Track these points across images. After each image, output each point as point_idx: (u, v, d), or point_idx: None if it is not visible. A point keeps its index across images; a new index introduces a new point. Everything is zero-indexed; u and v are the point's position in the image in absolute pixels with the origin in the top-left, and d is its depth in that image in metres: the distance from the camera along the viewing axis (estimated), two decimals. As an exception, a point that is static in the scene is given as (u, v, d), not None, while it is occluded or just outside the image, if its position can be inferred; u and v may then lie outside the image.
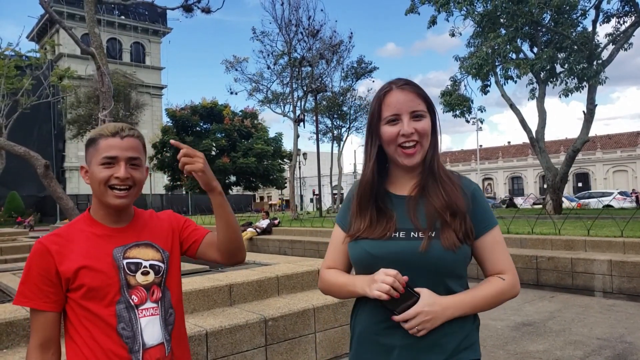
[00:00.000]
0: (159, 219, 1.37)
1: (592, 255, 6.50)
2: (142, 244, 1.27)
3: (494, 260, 1.17)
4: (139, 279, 1.22)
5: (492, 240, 1.17)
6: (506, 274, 1.17)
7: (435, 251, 1.10)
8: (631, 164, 44.66)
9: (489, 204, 1.22)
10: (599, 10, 14.07)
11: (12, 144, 4.48)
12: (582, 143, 13.90)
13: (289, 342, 3.56)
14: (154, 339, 1.22)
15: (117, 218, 1.27)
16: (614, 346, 4.05)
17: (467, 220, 1.14)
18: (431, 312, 1.08)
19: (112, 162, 1.19)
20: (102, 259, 1.20)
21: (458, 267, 1.15)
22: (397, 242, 1.14)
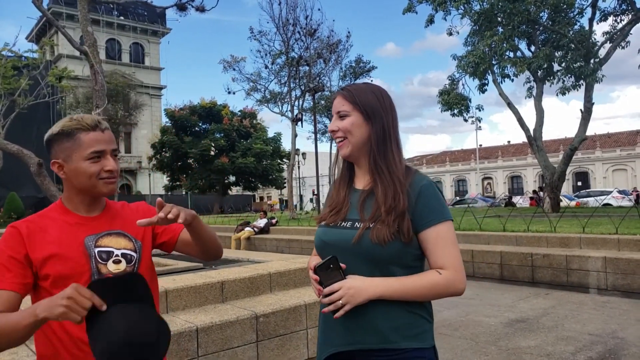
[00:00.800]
0: (131, 209, 1.38)
1: (586, 252, 6.51)
2: (115, 233, 1.28)
3: (435, 256, 1.21)
4: (110, 267, 1.23)
5: (434, 235, 1.20)
6: (446, 269, 1.20)
7: (365, 243, 1.19)
8: (630, 162, 44.66)
9: (441, 200, 1.25)
10: (595, 8, 14.08)
11: (5, 142, 4.50)
12: (579, 141, 13.91)
13: (280, 338, 3.58)
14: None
15: (90, 207, 1.28)
16: (606, 342, 4.06)
17: (404, 218, 1.19)
18: (352, 288, 1.14)
19: (99, 156, 1.22)
20: (74, 247, 1.21)
21: (396, 258, 1.19)
22: (342, 230, 1.25)
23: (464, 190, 53.82)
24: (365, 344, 1.20)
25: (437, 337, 4.29)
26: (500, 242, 7.89)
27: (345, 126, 1.26)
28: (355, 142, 1.27)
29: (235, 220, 16.14)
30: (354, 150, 1.28)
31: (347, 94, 1.28)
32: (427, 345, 1.22)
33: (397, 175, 1.24)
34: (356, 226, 1.22)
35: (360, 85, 1.32)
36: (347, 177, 1.35)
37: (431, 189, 1.24)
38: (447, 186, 55.96)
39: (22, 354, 2.72)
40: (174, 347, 3.01)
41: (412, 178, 1.25)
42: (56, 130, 1.27)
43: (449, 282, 1.19)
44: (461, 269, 1.22)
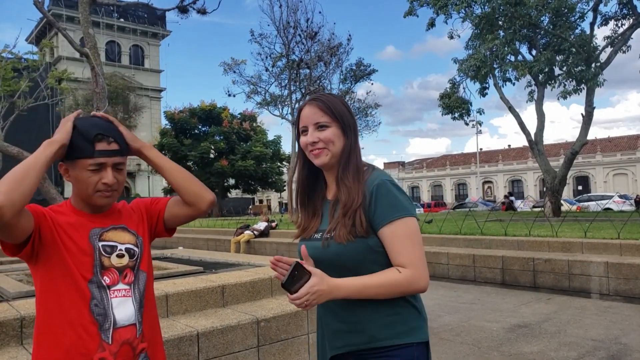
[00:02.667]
0: (131, 207, 1.43)
1: (588, 257, 6.48)
2: (119, 228, 1.32)
3: (393, 254, 1.20)
4: (113, 261, 1.26)
5: (390, 233, 1.20)
6: (406, 267, 1.19)
7: (331, 248, 1.22)
8: (631, 167, 44.66)
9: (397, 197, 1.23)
10: (596, 12, 14.10)
11: (5, 144, 4.48)
12: (580, 145, 13.90)
13: (281, 343, 3.54)
14: (126, 319, 1.25)
15: (95, 209, 1.32)
16: (609, 347, 4.03)
17: (357, 216, 1.20)
18: (319, 290, 1.14)
19: (99, 169, 1.24)
20: (80, 239, 1.24)
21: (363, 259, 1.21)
22: (314, 242, 1.28)
23: (464, 194, 53.81)
24: (355, 345, 1.23)
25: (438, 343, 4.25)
26: (501, 246, 7.86)
27: (328, 137, 1.28)
28: (335, 153, 1.29)
29: (235, 224, 16.11)
30: (332, 159, 1.29)
31: (324, 105, 1.29)
32: (417, 340, 1.23)
33: (357, 179, 1.27)
34: (325, 236, 1.27)
35: (329, 95, 1.34)
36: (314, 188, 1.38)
37: (384, 187, 1.23)
38: (447, 190, 55.95)
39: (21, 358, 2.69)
40: (174, 352, 2.98)
41: (368, 177, 1.27)
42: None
43: (408, 280, 1.19)
44: (421, 266, 1.21)
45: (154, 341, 1.33)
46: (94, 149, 1.23)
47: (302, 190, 1.39)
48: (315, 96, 1.35)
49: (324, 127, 1.29)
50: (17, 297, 3.89)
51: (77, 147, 1.24)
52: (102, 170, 1.24)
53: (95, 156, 1.23)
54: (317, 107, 1.30)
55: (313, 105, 1.31)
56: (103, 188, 1.25)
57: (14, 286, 4.23)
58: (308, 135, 1.31)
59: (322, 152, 1.29)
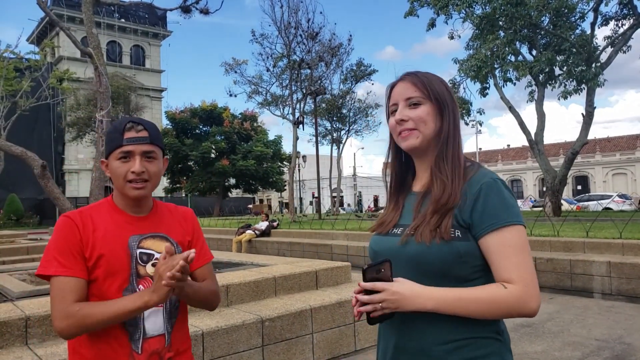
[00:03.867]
0: (178, 214, 1.39)
1: (590, 256, 6.48)
2: (158, 236, 1.29)
3: (499, 267, 1.01)
4: (149, 270, 1.24)
5: (497, 242, 1.01)
6: (514, 284, 0.99)
7: (410, 247, 1.06)
8: (630, 166, 44.69)
9: (507, 201, 1.04)
10: (597, 13, 14.10)
11: (9, 144, 4.47)
12: (580, 145, 13.90)
13: (286, 343, 3.55)
14: (155, 330, 1.25)
15: (137, 207, 1.30)
16: (613, 347, 4.03)
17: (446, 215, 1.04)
18: (398, 294, 0.99)
19: (126, 157, 1.22)
20: (118, 245, 1.23)
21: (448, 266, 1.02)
22: (392, 237, 1.13)
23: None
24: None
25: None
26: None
27: (420, 115, 1.10)
28: (427, 135, 1.11)
29: (236, 223, 16.11)
30: (423, 143, 1.12)
31: (417, 80, 1.12)
32: None
33: (458, 172, 1.09)
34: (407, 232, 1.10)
35: (425, 72, 1.17)
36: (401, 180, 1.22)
37: (495, 187, 1.04)
38: (447, 189, 55.80)
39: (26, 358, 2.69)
40: (179, 352, 2.98)
41: (473, 174, 1.08)
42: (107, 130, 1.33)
43: (516, 298, 0.98)
44: (533, 284, 1.00)
45: (181, 351, 1.32)
46: (123, 137, 1.23)
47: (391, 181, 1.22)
48: (410, 72, 1.17)
49: (416, 104, 1.12)
50: (21, 296, 3.90)
51: (110, 140, 1.24)
52: (131, 159, 1.23)
53: (124, 144, 1.22)
54: (410, 82, 1.13)
55: (406, 80, 1.14)
56: (132, 177, 1.22)
57: (17, 286, 4.24)
58: (397, 112, 1.13)
59: (411, 133, 1.11)
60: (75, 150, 38.05)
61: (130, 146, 1.22)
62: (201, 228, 1.47)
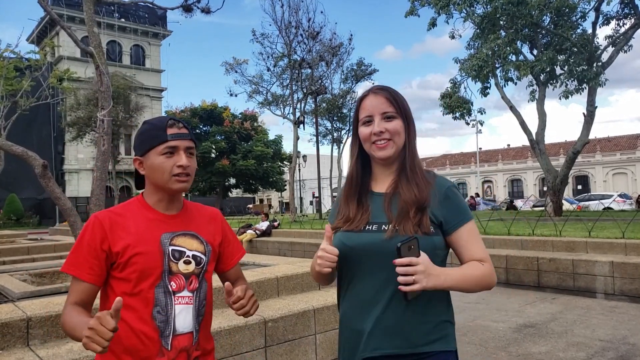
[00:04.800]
0: (207, 214, 1.42)
1: (593, 256, 6.46)
2: (189, 234, 1.31)
3: (471, 250, 1.24)
4: (180, 267, 1.26)
5: (467, 233, 1.25)
6: (485, 262, 1.24)
7: (397, 239, 1.16)
8: (631, 166, 44.67)
9: (464, 201, 1.30)
10: (598, 12, 14.07)
11: (9, 143, 4.45)
12: (582, 145, 13.88)
13: (288, 344, 3.52)
14: (185, 327, 1.26)
15: (169, 205, 1.32)
16: (617, 348, 4.01)
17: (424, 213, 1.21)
18: (429, 270, 1.13)
19: (172, 152, 1.26)
20: (151, 242, 1.24)
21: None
22: (368, 233, 1.24)
23: (464, 193, 53.77)
24: (391, 348, 1.20)
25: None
26: (505, 245, 7.84)
27: (395, 128, 1.27)
28: (399, 145, 1.28)
29: (237, 223, 16.09)
30: (395, 153, 1.29)
31: (391, 97, 1.28)
32: (451, 348, 1.23)
33: (423, 178, 1.28)
34: (383, 228, 1.22)
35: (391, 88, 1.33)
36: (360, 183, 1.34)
37: (456, 190, 1.30)
38: (447, 189, 55.78)
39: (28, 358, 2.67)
40: (182, 353, 2.96)
41: (435, 179, 1.30)
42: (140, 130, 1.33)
43: (491, 273, 1.24)
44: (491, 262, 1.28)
45: (207, 351, 1.34)
46: (167, 134, 1.26)
47: (352, 182, 1.35)
48: (380, 86, 1.32)
49: (390, 117, 1.27)
50: (22, 297, 3.88)
51: (150, 137, 1.27)
52: (176, 154, 1.26)
53: (169, 139, 1.25)
54: (384, 97, 1.28)
55: (380, 94, 1.29)
56: (178, 171, 1.25)
57: (18, 286, 4.22)
58: (374, 125, 1.27)
59: (388, 144, 1.27)
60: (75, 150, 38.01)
61: (176, 141, 1.26)
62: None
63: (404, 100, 1.30)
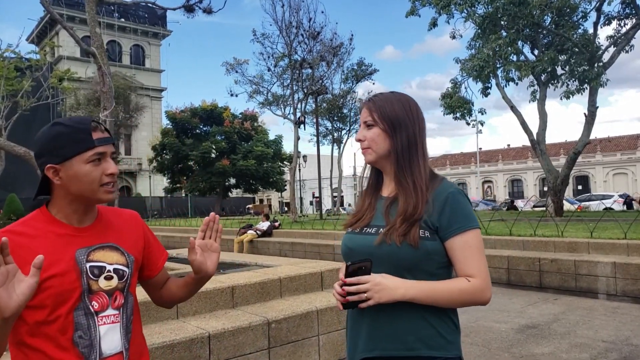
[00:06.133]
0: (125, 220, 1.28)
1: (595, 257, 6.46)
2: (107, 246, 1.18)
3: (462, 264, 1.20)
4: (101, 284, 1.13)
5: (461, 244, 1.20)
6: (474, 277, 1.19)
7: (385, 247, 1.20)
8: (631, 166, 44.66)
9: (468, 208, 1.25)
10: (600, 12, 14.06)
11: (12, 144, 4.44)
12: (583, 145, 13.88)
13: (292, 345, 3.51)
14: (112, 348, 1.14)
15: (83, 216, 1.17)
16: (621, 349, 4.01)
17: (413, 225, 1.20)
18: (380, 285, 1.15)
19: (100, 159, 1.13)
20: (64, 261, 1.09)
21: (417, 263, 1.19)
22: (365, 236, 1.27)
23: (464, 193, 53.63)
24: (387, 350, 1.21)
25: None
26: (506, 246, 7.84)
27: (371, 136, 1.30)
28: (379, 151, 1.30)
29: (237, 223, 16.08)
30: (378, 158, 1.32)
31: (373, 106, 1.31)
32: (451, 355, 1.21)
33: (419, 185, 1.25)
34: (380, 231, 1.25)
35: (386, 95, 1.34)
36: (375, 184, 1.39)
37: (458, 196, 1.24)
38: (447, 189, 55.74)
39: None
40: (186, 354, 2.95)
41: (438, 185, 1.26)
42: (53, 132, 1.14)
43: (477, 290, 1.19)
44: (487, 277, 1.22)
45: None
46: (93, 138, 1.11)
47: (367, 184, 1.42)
48: (370, 96, 1.39)
49: (370, 125, 1.32)
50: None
51: (73, 141, 1.10)
52: (103, 161, 1.13)
53: (97, 145, 1.11)
54: (366, 107, 1.34)
55: (364, 105, 1.36)
56: (108, 180, 1.13)
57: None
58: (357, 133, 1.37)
59: (366, 151, 1.33)
60: (75, 150, 37.92)
61: (103, 147, 1.13)
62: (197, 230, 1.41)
63: (392, 107, 1.29)
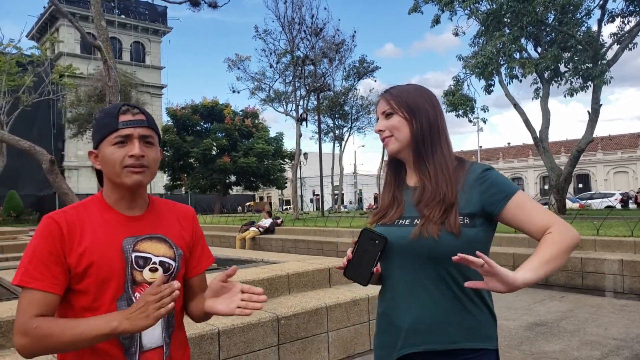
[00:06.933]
0: (177, 213, 1.26)
1: (602, 254, 6.42)
2: (155, 238, 1.16)
3: (531, 221, 1.16)
4: (145, 275, 1.12)
5: (517, 205, 1.17)
6: (553, 226, 1.14)
7: (423, 239, 1.17)
8: (632, 165, 44.65)
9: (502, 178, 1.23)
10: (604, 9, 14.00)
11: (17, 138, 4.40)
12: (586, 143, 13.83)
13: (301, 342, 3.48)
14: (153, 342, 1.14)
15: (131, 204, 1.16)
16: (632, 347, 3.97)
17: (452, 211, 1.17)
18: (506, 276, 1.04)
19: (124, 141, 1.11)
20: (111, 249, 1.09)
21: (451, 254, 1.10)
22: (401, 227, 1.23)
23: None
24: (431, 344, 1.18)
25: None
26: (512, 243, 7.80)
27: (392, 124, 1.29)
28: (402, 139, 1.28)
29: (239, 220, 16.05)
30: (401, 147, 1.29)
31: (389, 95, 1.31)
32: (492, 347, 1.20)
33: (445, 169, 1.23)
34: (415, 222, 1.21)
35: (402, 86, 1.34)
36: (395, 176, 1.36)
37: (493, 171, 1.24)
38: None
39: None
40: (195, 351, 2.91)
41: (469, 167, 1.25)
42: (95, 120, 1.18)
43: (564, 235, 1.13)
44: (562, 219, 1.17)
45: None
46: (118, 121, 1.11)
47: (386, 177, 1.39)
48: (386, 89, 1.36)
49: (389, 114, 1.30)
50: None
51: (102, 126, 1.13)
52: (129, 143, 1.11)
53: (120, 127, 1.10)
54: (383, 98, 1.33)
55: (381, 97, 1.35)
56: (131, 162, 1.10)
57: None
58: (377, 124, 1.34)
59: (389, 140, 1.30)
60: (75, 146, 37.93)
61: (128, 129, 1.11)
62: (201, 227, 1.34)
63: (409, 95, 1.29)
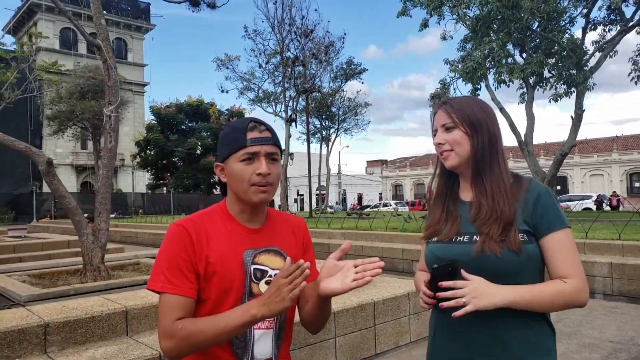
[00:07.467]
0: (291, 226, 1.29)
1: (592, 257, 6.59)
2: (272, 250, 1.20)
3: (557, 264, 1.17)
4: (262, 288, 1.15)
5: (553, 242, 1.17)
6: (570, 278, 1.15)
7: (485, 257, 1.16)
8: (607, 168, 46.02)
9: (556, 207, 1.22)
10: (588, 18, 14.39)
11: (12, 139, 4.24)
12: (569, 147, 14.21)
13: (310, 347, 3.47)
14: (264, 354, 1.17)
15: (252, 217, 1.20)
16: (628, 349, 4.08)
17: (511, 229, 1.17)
18: (479, 290, 1.10)
19: (251, 158, 1.14)
20: (233, 260, 1.14)
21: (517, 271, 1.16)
22: (460, 245, 1.22)
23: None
24: (492, 357, 1.17)
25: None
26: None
27: (454, 138, 1.27)
28: (463, 154, 1.27)
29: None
30: (461, 162, 1.28)
31: (450, 108, 1.29)
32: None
33: (502, 186, 1.23)
34: (475, 239, 1.20)
35: (461, 98, 1.33)
36: (448, 189, 1.35)
37: (549, 195, 1.22)
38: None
39: None
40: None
41: (529, 185, 1.25)
42: (222, 133, 1.22)
43: (575, 291, 1.14)
44: (584, 278, 1.17)
45: None
46: (246, 138, 1.14)
47: (437, 191, 1.37)
48: (446, 99, 1.34)
49: (449, 128, 1.28)
50: (30, 300, 3.71)
51: (230, 141, 1.16)
52: (256, 161, 1.14)
53: (248, 145, 1.13)
54: (444, 110, 1.30)
55: (442, 108, 1.31)
56: (257, 180, 1.13)
57: (22, 288, 4.03)
58: (436, 137, 1.32)
59: (449, 154, 1.28)
60: (54, 144, 36.94)
61: (256, 147, 1.14)
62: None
63: (469, 108, 1.27)
